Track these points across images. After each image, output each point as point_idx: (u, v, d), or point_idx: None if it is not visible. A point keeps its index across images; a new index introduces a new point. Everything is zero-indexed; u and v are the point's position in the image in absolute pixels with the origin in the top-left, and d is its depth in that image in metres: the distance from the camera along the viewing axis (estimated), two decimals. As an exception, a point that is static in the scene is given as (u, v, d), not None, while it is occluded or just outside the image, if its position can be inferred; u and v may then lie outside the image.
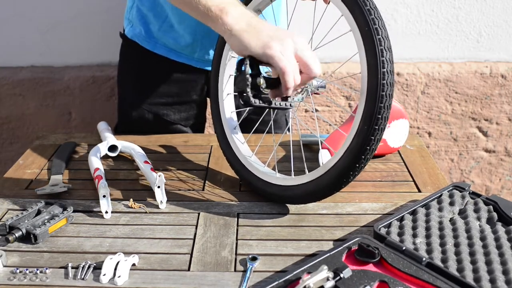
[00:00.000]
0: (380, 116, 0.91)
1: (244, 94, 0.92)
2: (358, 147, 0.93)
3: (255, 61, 0.93)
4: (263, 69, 0.95)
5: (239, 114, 1.27)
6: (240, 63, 0.93)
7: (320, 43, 1.07)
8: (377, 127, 0.91)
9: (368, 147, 0.92)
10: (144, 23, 1.41)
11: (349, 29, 0.95)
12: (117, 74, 1.57)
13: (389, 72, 0.90)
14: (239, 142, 1.19)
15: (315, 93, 1.06)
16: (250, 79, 0.91)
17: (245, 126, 1.28)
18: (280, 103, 0.96)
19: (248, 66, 0.92)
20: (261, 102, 0.93)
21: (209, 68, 1.38)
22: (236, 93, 0.98)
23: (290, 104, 0.97)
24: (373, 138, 0.92)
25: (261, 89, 0.94)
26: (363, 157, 0.94)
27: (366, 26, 0.91)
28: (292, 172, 1.07)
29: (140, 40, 1.43)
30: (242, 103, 0.93)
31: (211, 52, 1.39)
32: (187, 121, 1.52)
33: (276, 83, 0.94)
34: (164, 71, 1.45)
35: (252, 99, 0.92)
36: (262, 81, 0.93)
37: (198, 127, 1.57)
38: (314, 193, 1.02)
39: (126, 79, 1.54)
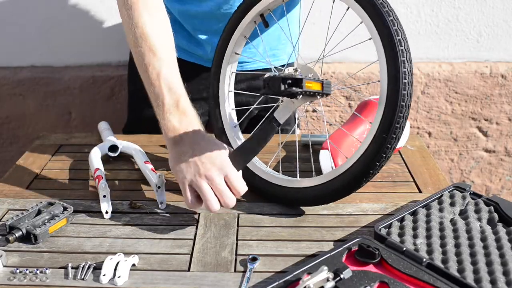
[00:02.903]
0: (398, 126, 0.93)
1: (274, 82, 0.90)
2: (374, 154, 0.94)
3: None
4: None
5: (241, 113, 1.26)
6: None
7: (334, 48, 1.07)
8: (394, 136, 0.93)
9: (384, 155, 0.94)
10: None
11: (369, 37, 0.96)
12: (128, 71, 1.57)
13: (409, 83, 0.92)
14: (240, 141, 1.19)
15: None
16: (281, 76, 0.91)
17: (254, 125, 1.27)
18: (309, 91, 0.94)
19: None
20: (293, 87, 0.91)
21: None
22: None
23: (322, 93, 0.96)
24: (389, 146, 0.94)
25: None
26: (377, 163, 0.95)
27: (389, 37, 0.92)
28: (298, 174, 1.07)
29: None
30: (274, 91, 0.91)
31: None
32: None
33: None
34: None
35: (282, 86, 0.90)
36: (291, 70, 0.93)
37: (207, 127, 1.57)
38: (324, 197, 1.03)
39: (135, 76, 1.53)
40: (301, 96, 0.95)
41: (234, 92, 1.24)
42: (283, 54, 1.46)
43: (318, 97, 0.99)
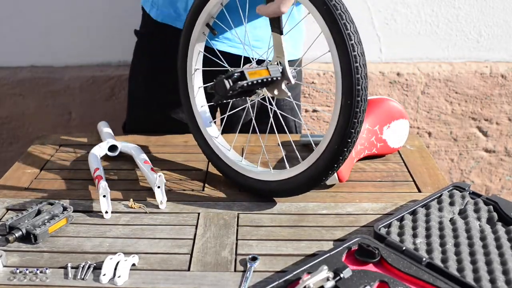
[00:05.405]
0: (359, 88, 0.92)
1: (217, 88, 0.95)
2: (345, 122, 0.94)
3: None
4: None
5: (224, 109, 1.26)
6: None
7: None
8: (359, 99, 0.93)
9: (355, 120, 0.94)
10: (171, 3, 1.38)
11: (307, 12, 0.96)
12: (129, 71, 1.57)
13: (357, 43, 0.92)
14: (216, 139, 1.20)
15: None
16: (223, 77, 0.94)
17: (246, 130, 1.27)
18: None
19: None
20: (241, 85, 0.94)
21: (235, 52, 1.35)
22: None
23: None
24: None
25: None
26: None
27: (324, 5, 0.92)
28: (285, 169, 1.07)
29: (171, 20, 1.40)
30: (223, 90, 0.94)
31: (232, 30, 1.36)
32: None
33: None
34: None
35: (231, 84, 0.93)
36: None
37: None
38: (309, 180, 1.03)
39: (137, 75, 1.53)
40: (256, 89, 0.98)
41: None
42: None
43: (277, 83, 1.00)
